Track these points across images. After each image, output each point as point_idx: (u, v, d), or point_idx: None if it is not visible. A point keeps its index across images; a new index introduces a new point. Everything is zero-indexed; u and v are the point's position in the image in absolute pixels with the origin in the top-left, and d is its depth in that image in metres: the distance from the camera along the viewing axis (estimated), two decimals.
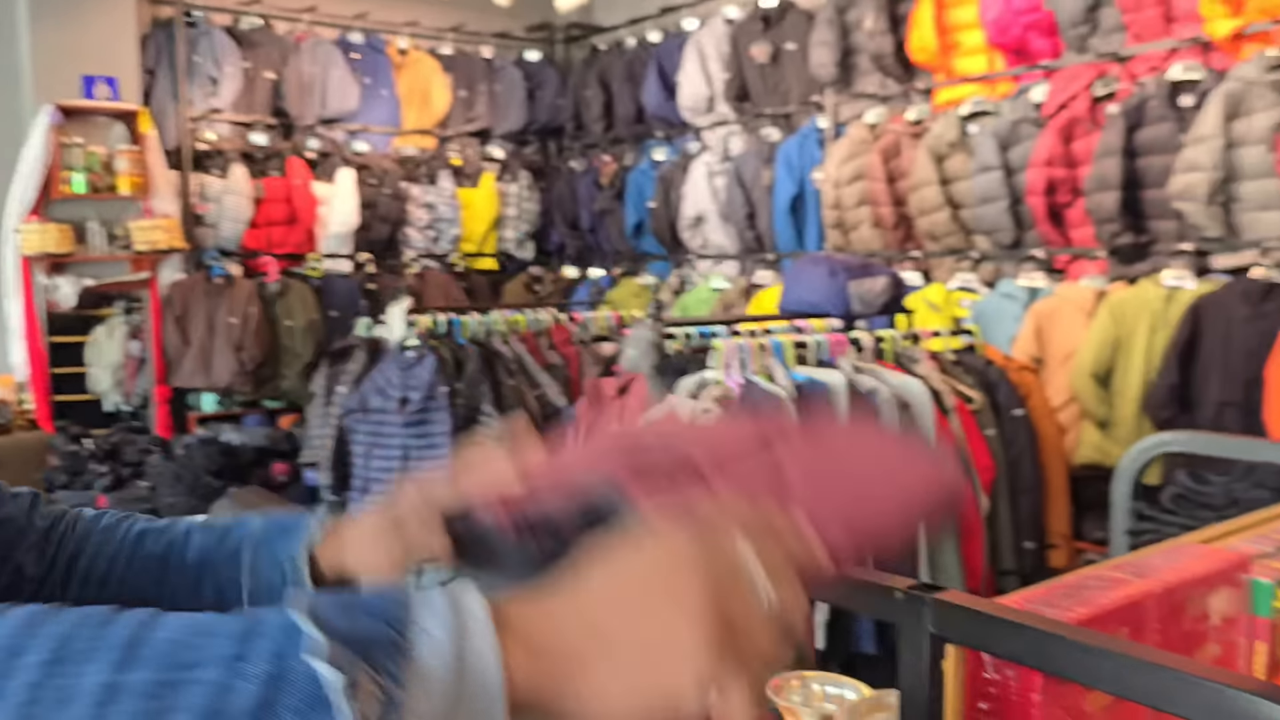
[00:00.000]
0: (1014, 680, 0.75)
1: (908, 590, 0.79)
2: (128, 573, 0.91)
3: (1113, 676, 0.67)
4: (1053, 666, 0.71)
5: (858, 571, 0.84)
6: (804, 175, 5.48)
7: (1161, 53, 4.15)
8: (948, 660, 0.78)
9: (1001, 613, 0.74)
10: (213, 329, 5.83)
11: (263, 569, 0.87)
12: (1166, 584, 0.85)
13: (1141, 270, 4.15)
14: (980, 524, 2.98)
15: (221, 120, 6.26)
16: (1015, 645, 0.72)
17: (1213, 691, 0.62)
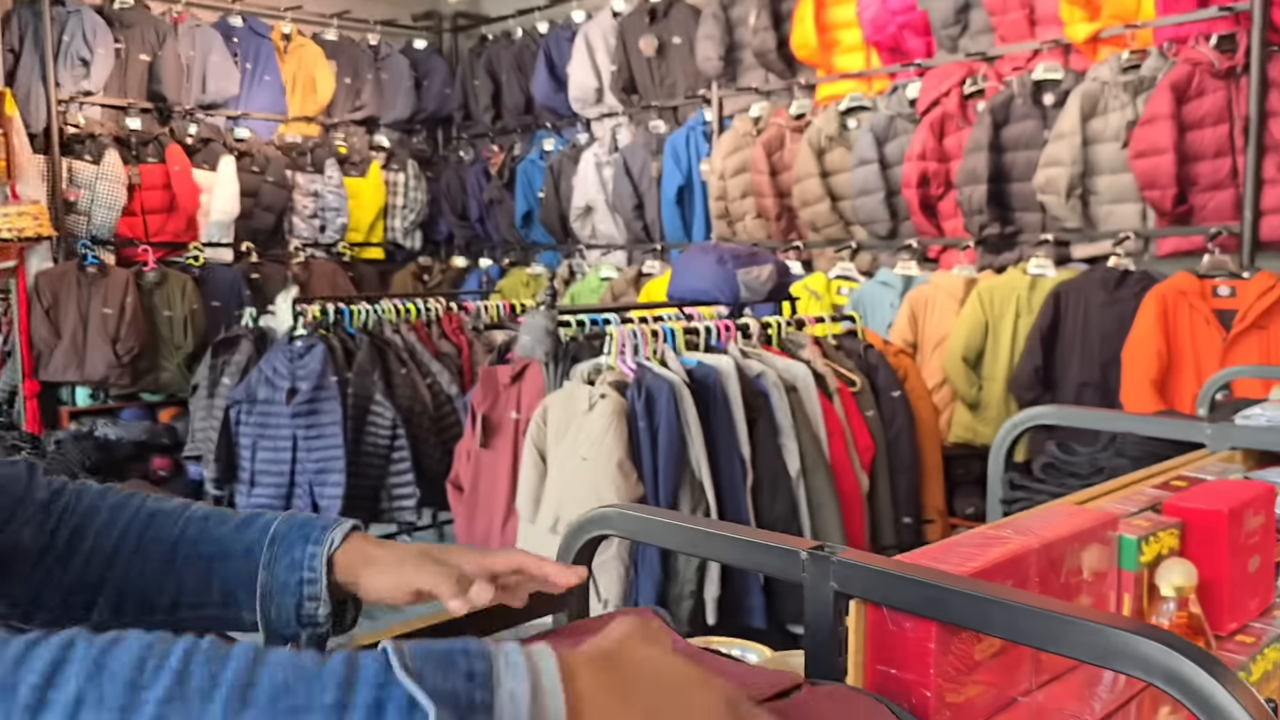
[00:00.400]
0: (911, 631, 0.83)
1: (812, 550, 0.87)
2: (135, 556, 0.91)
3: (1003, 622, 0.76)
4: (948, 616, 0.79)
5: (756, 534, 0.93)
6: (691, 167, 5.60)
7: (1026, 53, 4.39)
8: (850, 615, 0.86)
9: (900, 569, 0.83)
10: (86, 320, 5.63)
11: (279, 569, 0.89)
12: (1045, 540, 0.95)
13: (1008, 259, 4.40)
14: (861, 501, 3.14)
15: (93, 103, 6.03)
16: (913, 598, 0.80)
17: (1091, 630, 0.71)
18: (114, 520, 0.92)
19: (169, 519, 0.93)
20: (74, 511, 0.93)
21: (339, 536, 0.90)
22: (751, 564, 0.92)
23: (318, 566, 0.89)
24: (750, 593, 2.81)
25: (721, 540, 0.94)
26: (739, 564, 0.93)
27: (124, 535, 0.92)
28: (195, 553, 0.91)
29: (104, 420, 5.79)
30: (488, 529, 3.32)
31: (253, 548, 0.91)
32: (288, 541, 0.90)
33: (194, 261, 6.08)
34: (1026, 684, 0.94)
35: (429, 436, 4.26)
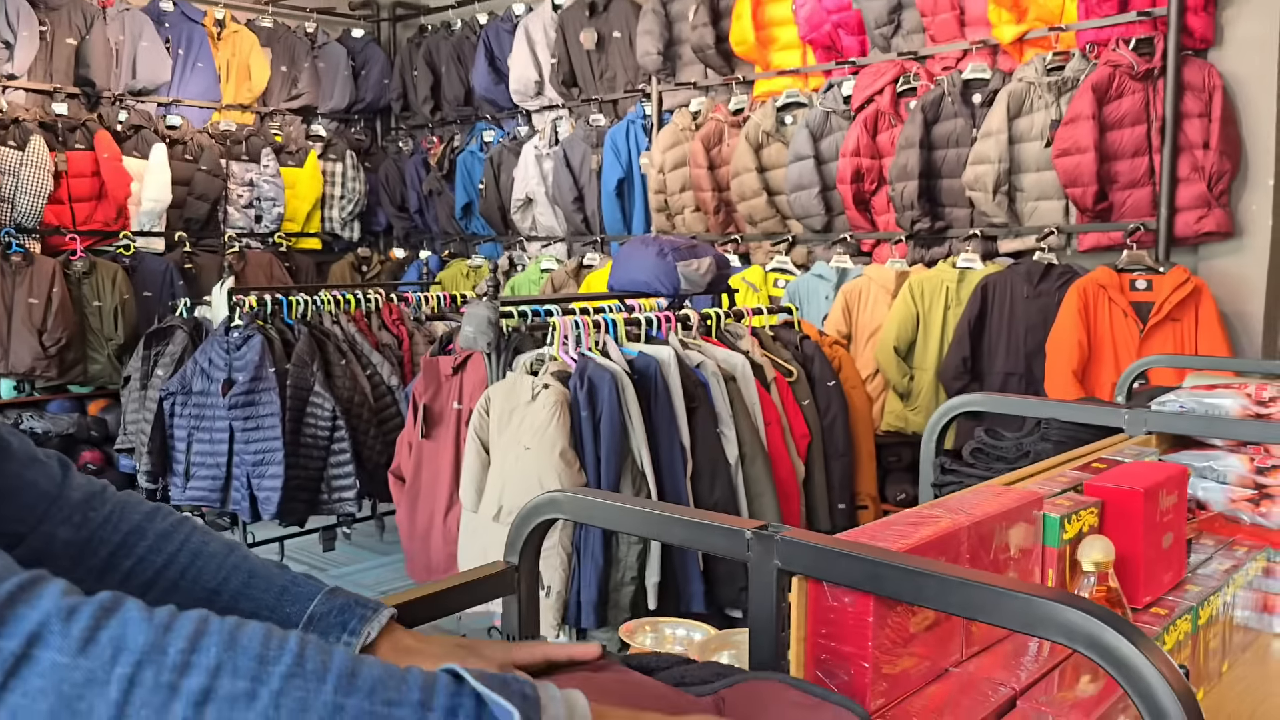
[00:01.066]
0: (850, 606, 0.88)
1: (757, 530, 0.92)
2: (173, 591, 0.92)
3: (937, 594, 0.81)
4: (886, 590, 0.84)
5: (703, 515, 0.97)
6: (630, 160, 5.64)
7: (956, 53, 4.51)
8: (793, 592, 0.91)
9: (840, 545, 0.88)
10: (10, 310, 5.49)
11: None
12: (975, 519, 1.02)
13: (938, 253, 4.52)
14: (798, 487, 3.22)
15: (17, 87, 5.88)
16: (853, 573, 0.85)
17: (1020, 601, 0.76)
18: (159, 549, 0.93)
19: (214, 563, 0.94)
20: (118, 527, 0.94)
21: (375, 630, 0.91)
22: (698, 544, 0.97)
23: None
24: (690, 579, 2.88)
25: (669, 521, 0.99)
26: (686, 544, 0.98)
27: (166, 568, 0.93)
28: (233, 607, 0.91)
29: (30, 413, 5.66)
30: (429, 519, 3.34)
31: (288, 622, 0.91)
32: (324, 625, 0.91)
33: (124, 251, 5.97)
34: (957, 655, 1.00)
35: (369, 428, 4.25)
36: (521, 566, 1.12)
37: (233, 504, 4.15)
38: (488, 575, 1.11)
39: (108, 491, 0.96)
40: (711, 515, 0.96)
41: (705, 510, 1.02)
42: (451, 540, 3.20)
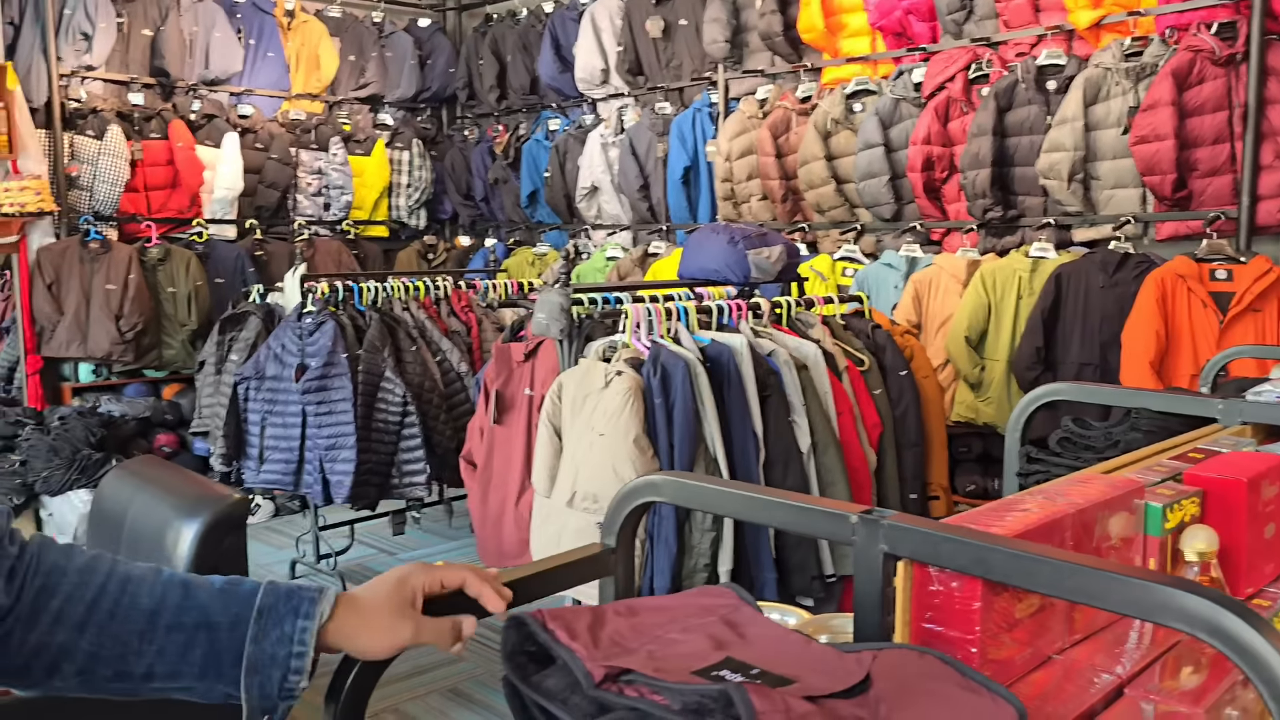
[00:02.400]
0: (958, 590, 0.88)
1: (862, 514, 0.92)
2: (110, 621, 0.90)
3: (1050, 580, 0.80)
4: (996, 575, 0.83)
5: (809, 500, 0.98)
6: (696, 148, 5.63)
7: (1030, 39, 4.43)
8: (898, 575, 0.91)
9: (948, 530, 0.87)
10: (89, 296, 5.65)
11: (268, 644, 0.90)
12: (1079, 506, 1.01)
13: (1010, 242, 4.45)
14: (869, 477, 3.20)
15: (95, 78, 6.03)
16: (962, 558, 0.85)
17: (1138, 587, 0.75)
18: (84, 583, 0.91)
19: (145, 585, 0.92)
20: (37, 570, 0.92)
21: (328, 608, 0.92)
22: (801, 527, 0.97)
23: (308, 640, 0.90)
24: (763, 567, 2.88)
25: (772, 505, 0.99)
26: (788, 528, 0.98)
27: (97, 601, 0.91)
28: (178, 622, 0.90)
29: (107, 396, 5.82)
30: (501, 504, 3.38)
31: (239, 620, 0.91)
32: (276, 615, 0.91)
33: (197, 238, 6.10)
34: (1060, 642, 0.99)
35: (439, 413, 4.30)
36: (619, 549, 1.13)
37: (305, 487, 4.24)
38: (585, 557, 1.13)
39: (28, 543, 0.94)
40: (816, 500, 0.96)
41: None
42: (524, 525, 3.23)
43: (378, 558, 4.99)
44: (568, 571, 1.11)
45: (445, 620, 0.94)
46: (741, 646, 0.85)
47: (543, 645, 0.88)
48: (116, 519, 2.98)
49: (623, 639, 0.88)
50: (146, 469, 3.15)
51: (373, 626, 0.92)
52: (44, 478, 4.82)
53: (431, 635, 0.93)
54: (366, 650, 0.92)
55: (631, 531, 1.14)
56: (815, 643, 0.87)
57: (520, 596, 1.07)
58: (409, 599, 0.93)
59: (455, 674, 3.60)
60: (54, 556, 0.93)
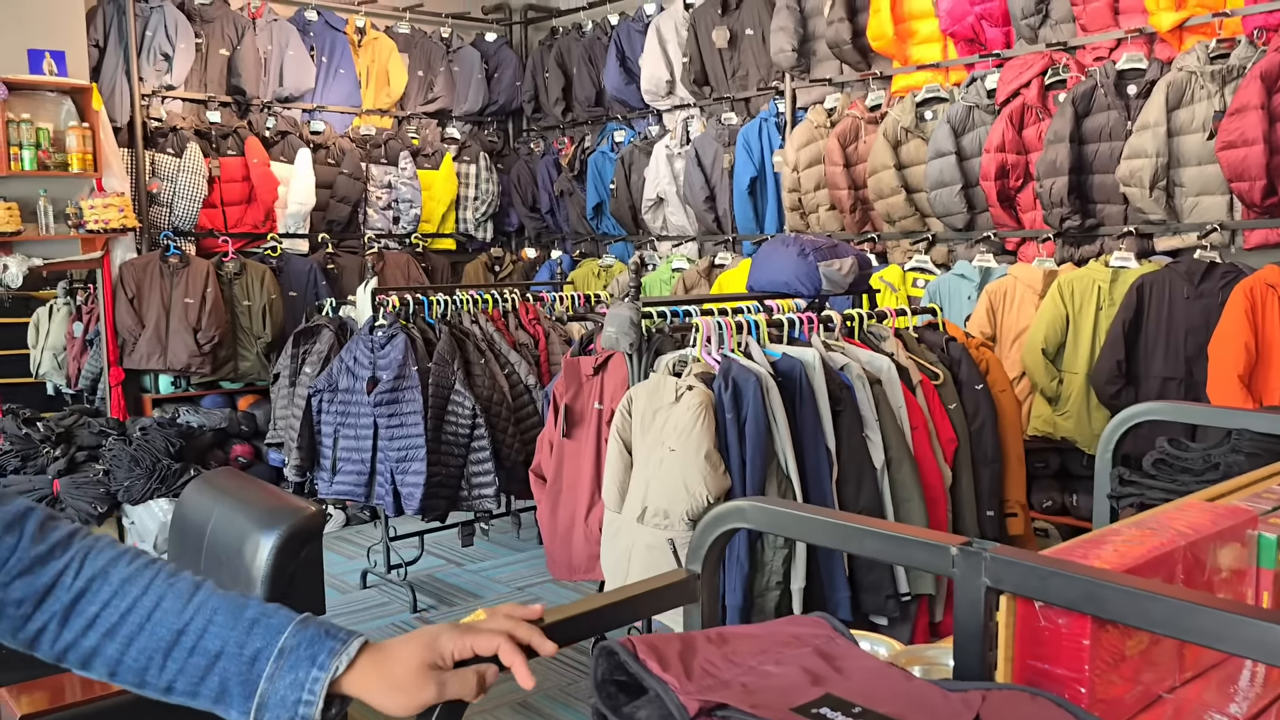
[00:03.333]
0: (1065, 628, 0.84)
1: (962, 546, 0.88)
2: (139, 635, 0.95)
3: (1167, 619, 0.75)
4: (1108, 612, 0.79)
5: (904, 529, 0.94)
6: (763, 159, 5.59)
7: (1109, 43, 4.32)
8: (1001, 611, 0.87)
9: (1057, 565, 0.83)
10: (168, 310, 5.79)
11: (281, 685, 0.91)
12: (1189, 538, 0.96)
13: (1088, 252, 4.34)
14: (945, 493, 3.13)
15: (174, 97, 6.19)
16: (1071, 594, 0.81)
17: (1262, 629, 0.70)
18: (122, 593, 0.96)
19: (178, 603, 0.95)
20: (80, 573, 0.97)
21: (345, 662, 0.92)
22: (897, 558, 0.94)
23: (318, 692, 0.91)
24: (836, 586, 2.83)
25: (867, 535, 0.96)
26: (882, 558, 0.95)
27: (129, 612, 0.95)
28: (199, 646, 0.94)
29: (186, 408, 5.95)
30: (571, 518, 3.37)
31: (259, 656, 0.93)
32: (295, 658, 0.92)
33: (271, 253, 6.23)
34: (1170, 680, 0.95)
35: (508, 426, 4.32)
36: (705, 576, 1.11)
37: (376, 499, 4.28)
38: (670, 584, 1.11)
39: (74, 539, 0.99)
40: (912, 529, 0.93)
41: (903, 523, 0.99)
42: (594, 540, 3.22)
43: (446, 568, 5.02)
44: (652, 598, 1.09)
45: (469, 671, 0.94)
46: (840, 682, 0.82)
47: (634, 675, 0.86)
48: (198, 530, 3.03)
49: (715, 669, 0.86)
50: (225, 481, 3.21)
51: (396, 684, 0.92)
52: (126, 487, 4.94)
53: (455, 689, 0.93)
54: (386, 706, 0.93)
55: (718, 557, 1.12)
56: (916, 679, 0.84)
57: (603, 624, 1.06)
58: (437, 659, 0.93)
59: (524, 689, 3.60)
60: (101, 563, 0.98)
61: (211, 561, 2.95)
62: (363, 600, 4.60)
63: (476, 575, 4.91)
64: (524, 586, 4.71)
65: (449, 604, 4.52)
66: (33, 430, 5.28)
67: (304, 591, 2.83)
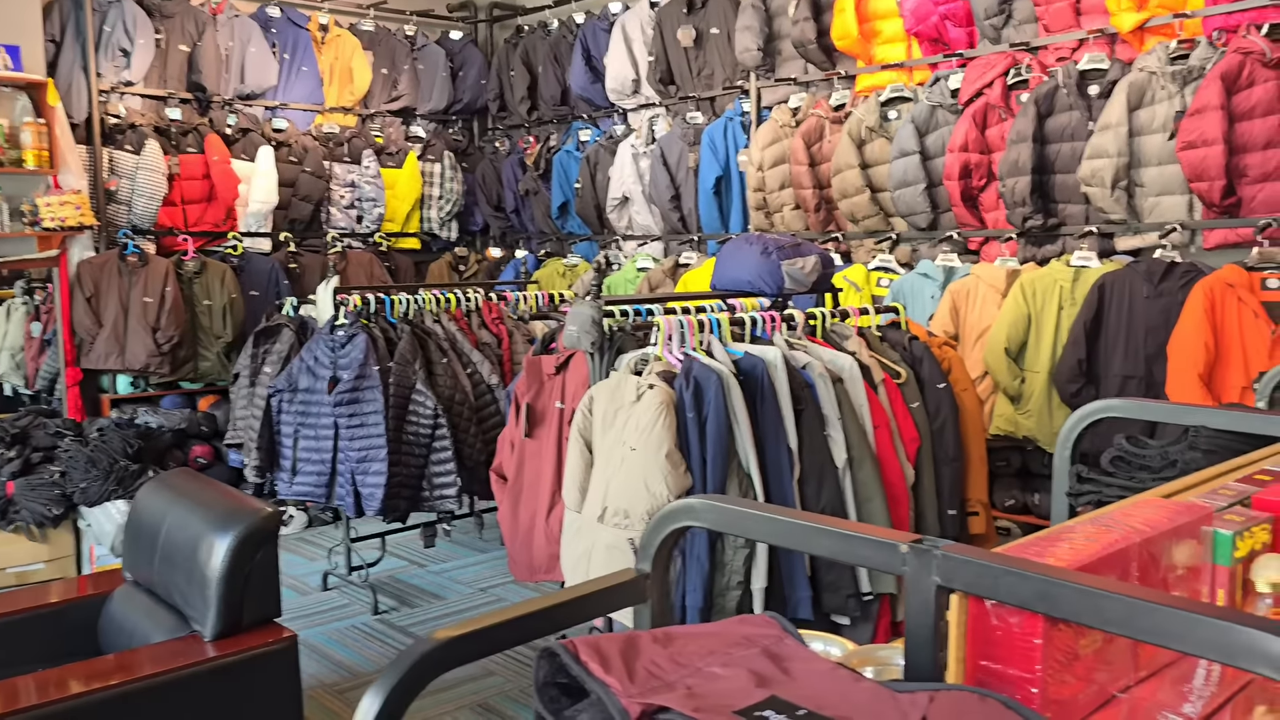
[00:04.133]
0: (1018, 627, 0.82)
1: (913, 544, 0.86)
2: None
3: (1123, 619, 0.74)
4: (1061, 611, 0.77)
5: (854, 527, 0.92)
6: (728, 158, 5.58)
7: (1071, 43, 4.35)
8: (952, 610, 0.85)
9: (1010, 563, 0.81)
10: (127, 309, 5.69)
11: None
12: (1145, 535, 0.95)
13: (1050, 251, 4.36)
14: (907, 492, 3.13)
15: (133, 93, 6.09)
16: (1024, 592, 0.79)
17: (1219, 628, 0.69)
18: None
19: None
20: None
21: None
22: (848, 557, 0.92)
23: None
24: (797, 585, 2.82)
25: (817, 533, 0.94)
26: (834, 556, 0.93)
27: None
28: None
29: (145, 408, 5.85)
30: (532, 518, 3.34)
31: None
32: None
33: (233, 251, 6.14)
34: (1124, 679, 0.93)
35: (470, 426, 4.28)
36: (654, 575, 1.09)
37: (337, 499, 4.22)
38: (620, 584, 1.08)
39: None
40: (862, 527, 0.91)
41: (862, 522, 0.96)
42: (554, 540, 3.19)
43: (408, 569, 4.97)
44: (601, 598, 1.07)
45: None
46: (786, 684, 0.80)
47: (575, 678, 0.84)
48: (152, 531, 2.98)
49: (660, 671, 0.83)
50: (181, 482, 3.16)
51: None
52: (82, 489, 4.85)
53: None
54: None
55: (667, 556, 1.09)
56: (865, 680, 0.81)
57: (551, 625, 1.03)
58: None
59: (485, 689, 3.57)
60: None
61: (166, 563, 2.90)
62: (324, 602, 4.53)
63: (439, 576, 4.86)
64: (486, 587, 4.67)
65: (410, 605, 4.47)
66: None
67: (259, 593, 2.79)
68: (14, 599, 3.05)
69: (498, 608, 3.92)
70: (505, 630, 0.97)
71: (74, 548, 4.99)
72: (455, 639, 0.92)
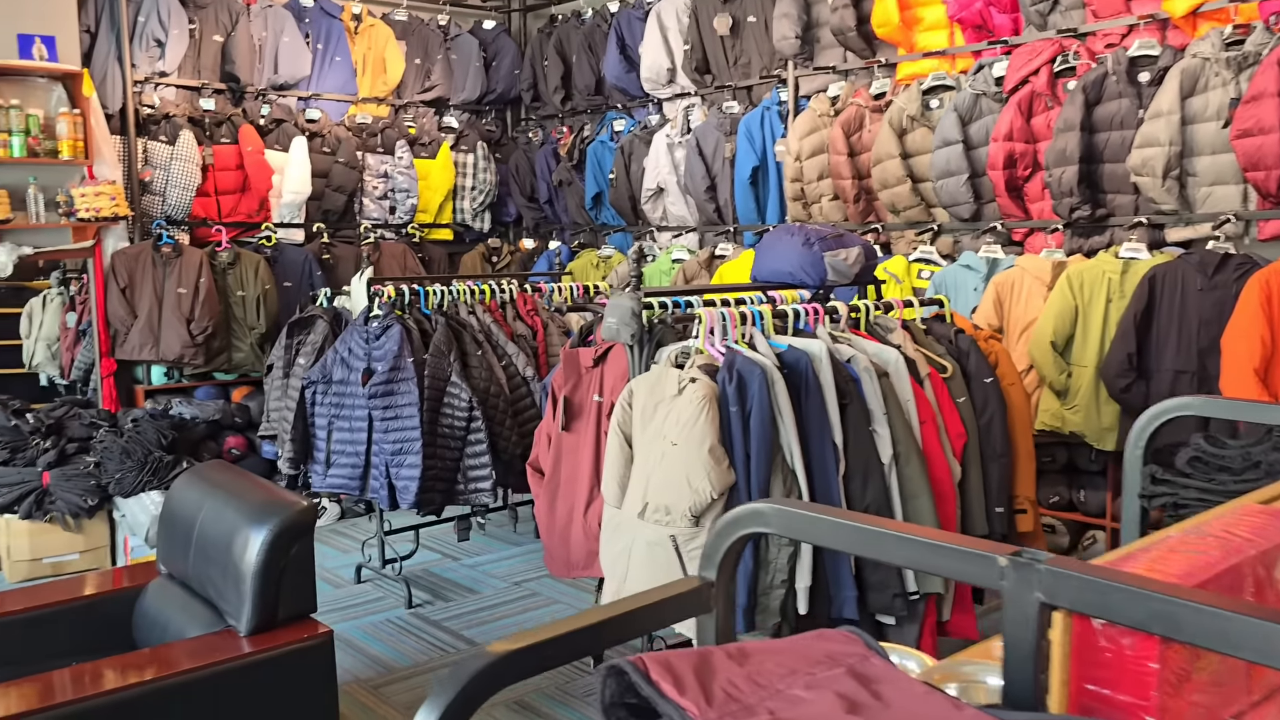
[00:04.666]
0: (1130, 649, 0.76)
1: (1012, 557, 0.79)
2: None
3: (1251, 642, 0.67)
4: (1186, 635, 0.71)
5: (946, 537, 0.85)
6: (765, 148, 5.50)
7: (1121, 29, 4.23)
8: (1055, 629, 0.79)
9: (1121, 579, 0.74)
10: (161, 300, 5.69)
11: None
12: (1258, 547, 0.87)
13: (1098, 243, 4.26)
14: (954, 489, 3.05)
15: (167, 84, 6.08)
16: (1138, 612, 0.72)
17: None
18: None
19: None
20: None
21: None
22: (939, 569, 0.85)
23: None
24: (842, 584, 2.75)
25: (903, 542, 0.87)
26: (920, 567, 0.86)
27: None
28: None
29: (179, 399, 5.86)
30: (569, 513, 3.29)
31: None
32: None
33: (266, 242, 6.13)
34: (1238, 704, 0.86)
35: (505, 418, 4.23)
36: (720, 584, 1.03)
37: (371, 492, 4.19)
38: (681, 593, 1.02)
39: None
40: (956, 538, 0.84)
41: (919, 523, 0.89)
42: (592, 536, 3.14)
43: (442, 562, 4.93)
44: (661, 609, 1.01)
45: None
46: (880, 711, 0.73)
47: (646, 699, 0.78)
48: (187, 524, 2.95)
49: (738, 693, 0.77)
50: (216, 474, 3.13)
51: None
52: (117, 479, 4.86)
53: None
54: None
55: (734, 564, 1.03)
56: (966, 708, 0.75)
57: (608, 638, 0.97)
58: None
59: (521, 686, 3.52)
60: None
61: (200, 557, 2.87)
62: (358, 595, 4.51)
63: (473, 570, 4.82)
64: (521, 581, 4.63)
65: (445, 599, 4.44)
66: (22, 422, 5.19)
67: (295, 588, 2.76)
68: (49, 591, 3.04)
69: (532, 601, 3.87)
70: (564, 643, 0.91)
71: (109, 538, 5.00)
72: (513, 653, 0.87)
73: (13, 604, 2.92)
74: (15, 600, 2.95)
